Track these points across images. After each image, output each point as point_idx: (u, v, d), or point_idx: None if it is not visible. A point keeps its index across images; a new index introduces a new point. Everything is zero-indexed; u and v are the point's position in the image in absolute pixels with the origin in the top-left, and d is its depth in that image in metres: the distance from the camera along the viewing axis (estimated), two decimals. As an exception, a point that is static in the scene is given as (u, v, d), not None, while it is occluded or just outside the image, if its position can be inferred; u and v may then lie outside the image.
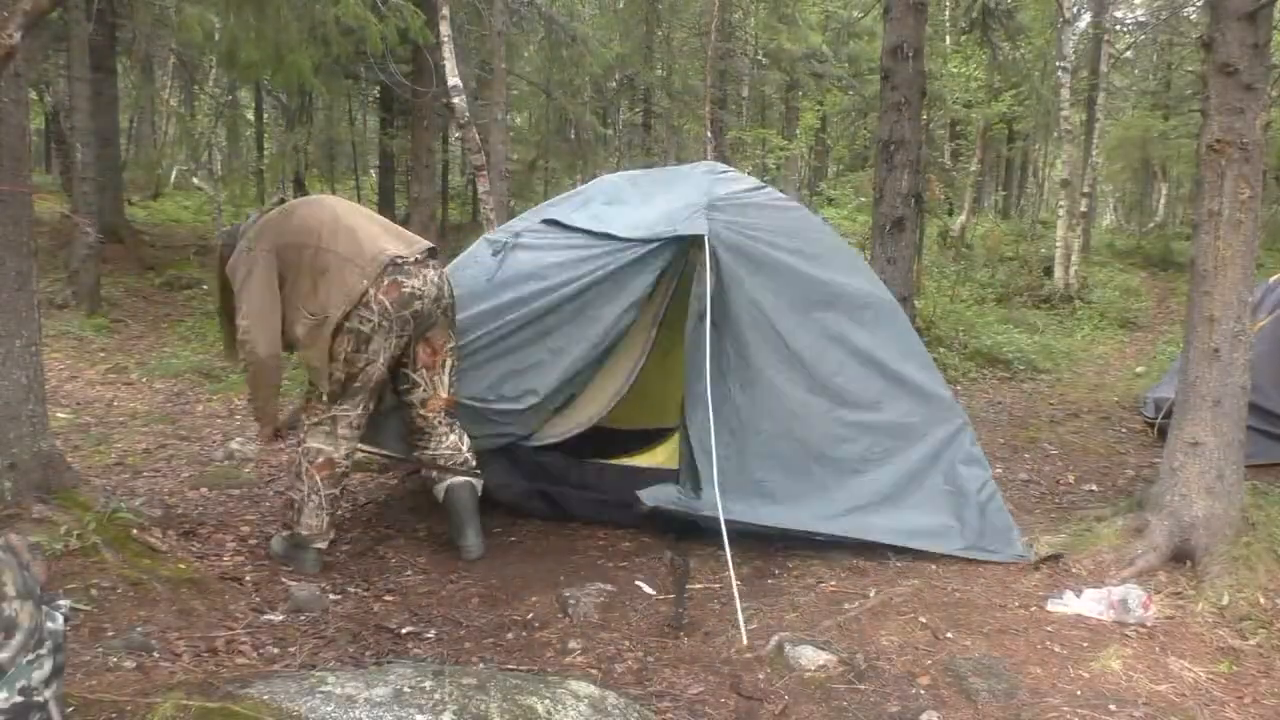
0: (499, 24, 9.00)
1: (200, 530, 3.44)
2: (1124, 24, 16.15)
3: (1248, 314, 3.23)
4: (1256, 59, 3.14)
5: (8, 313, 2.80)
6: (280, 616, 2.80)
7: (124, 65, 12.48)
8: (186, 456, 4.65)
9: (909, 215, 6.07)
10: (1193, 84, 14.79)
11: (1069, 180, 12.53)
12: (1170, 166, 18.05)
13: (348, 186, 17.56)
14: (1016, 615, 2.89)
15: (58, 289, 8.05)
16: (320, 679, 1.95)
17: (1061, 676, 2.50)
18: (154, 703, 1.75)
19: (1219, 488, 3.18)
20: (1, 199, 2.75)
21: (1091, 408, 6.57)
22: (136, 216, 12.62)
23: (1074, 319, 10.88)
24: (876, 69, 6.76)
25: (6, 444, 2.78)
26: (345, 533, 3.64)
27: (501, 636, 2.80)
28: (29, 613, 1.50)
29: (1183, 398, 3.31)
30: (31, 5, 2.20)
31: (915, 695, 2.43)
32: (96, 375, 6.34)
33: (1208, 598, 2.92)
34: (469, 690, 1.94)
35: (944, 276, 11.36)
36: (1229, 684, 2.48)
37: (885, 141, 6.06)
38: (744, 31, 16.57)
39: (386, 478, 4.44)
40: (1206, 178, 3.20)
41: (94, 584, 2.58)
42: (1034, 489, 4.53)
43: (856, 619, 2.88)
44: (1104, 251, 15.63)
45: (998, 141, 18.72)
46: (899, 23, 5.94)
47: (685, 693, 2.44)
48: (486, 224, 7.04)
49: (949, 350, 8.19)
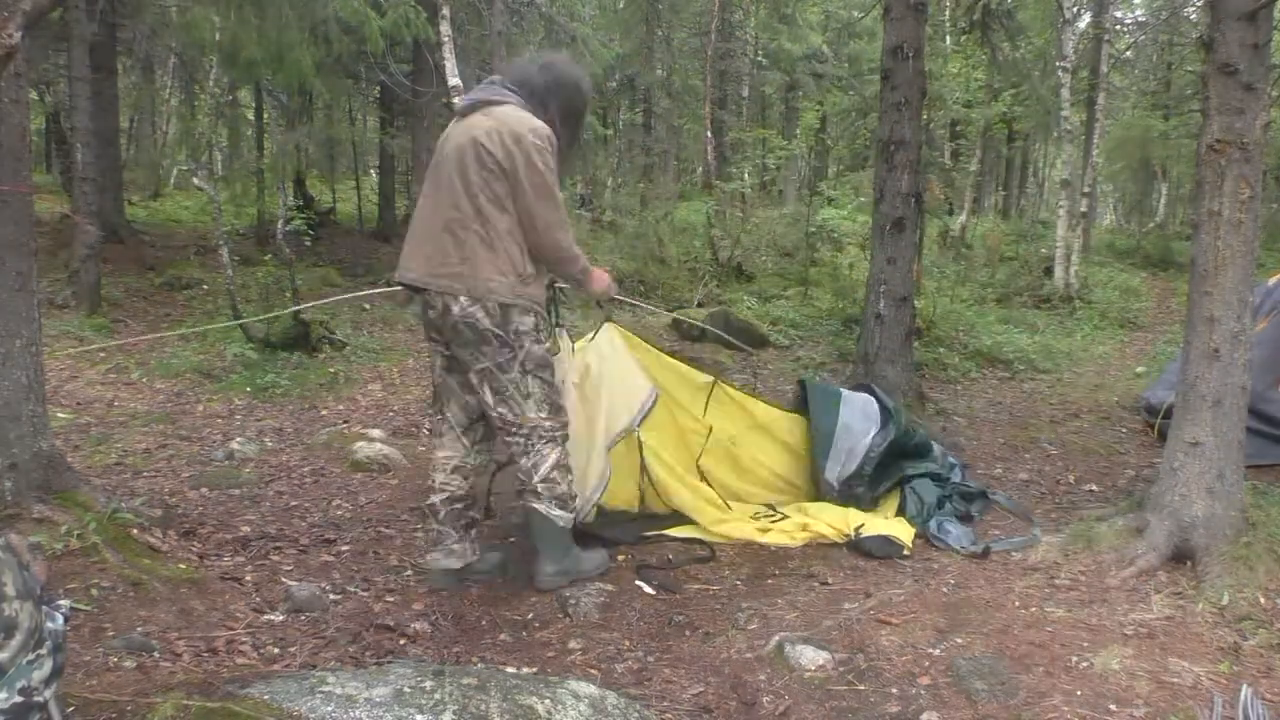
0: (499, 24, 9.00)
1: (200, 530, 3.44)
2: (1124, 24, 16.16)
3: (1248, 314, 3.23)
4: (1256, 59, 3.13)
5: (8, 313, 2.80)
6: (280, 616, 2.80)
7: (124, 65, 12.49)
8: (186, 456, 4.66)
9: (909, 215, 6.07)
10: (1193, 84, 14.77)
11: (1069, 180, 12.52)
12: (1170, 166, 18.03)
13: (348, 186, 17.56)
14: (1016, 615, 2.89)
15: (58, 289, 8.05)
16: (320, 679, 1.95)
17: (1061, 676, 2.50)
18: (154, 703, 1.75)
19: (1219, 488, 3.18)
20: (2, 199, 2.75)
21: (1091, 408, 6.57)
22: (137, 216, 12.63)
23: (1074, 319, 10.88)
24: (876, 69, 6.76)
25: (6, 444, 2.78)
26: (345, 533, 3.65)
27: (501, 636, 2.80)
28: (29, 613, 1.50)
29: (1183, 398, 3.31)
30: (32, 5, 2.20)
31: (915, 695, 2.43)
32: (96, 375, 6.34)
33: (1208, 598, 2.92)
34: (469, 690, 1.94)
35: (944, 276, 11.35)
36: (1229, 684, 2.48)
37: (885, 141, 6.06)
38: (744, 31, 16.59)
39: (386, 478, 4.44)
40: (1206, 178, 3.20)
41: (94, 584, 2.58)
42: (1034, 489, 4.53)
43: (856, 619, 2.88)
44: (1104, 251, 15.62)
45: (998, 141, 18.72)
46: (899, 23, 5.94)
47: (685, 693, 2.44)
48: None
49: (949, 350, 8.19)
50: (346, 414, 5.93)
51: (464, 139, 2.97)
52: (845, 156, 16.10)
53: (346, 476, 4.44)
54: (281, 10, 5.90)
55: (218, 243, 7.87)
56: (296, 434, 5.30)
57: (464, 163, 2.94)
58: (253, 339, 7.16)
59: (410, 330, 9.15)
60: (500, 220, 2.93)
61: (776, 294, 10.52)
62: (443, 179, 3.00)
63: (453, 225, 2.94)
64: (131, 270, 9.71)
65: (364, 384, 6.77)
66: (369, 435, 5.05)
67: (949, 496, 3.99)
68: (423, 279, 2.99)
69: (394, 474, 4.50)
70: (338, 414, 5.92)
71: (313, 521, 3.78)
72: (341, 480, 4.39)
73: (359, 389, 6.62)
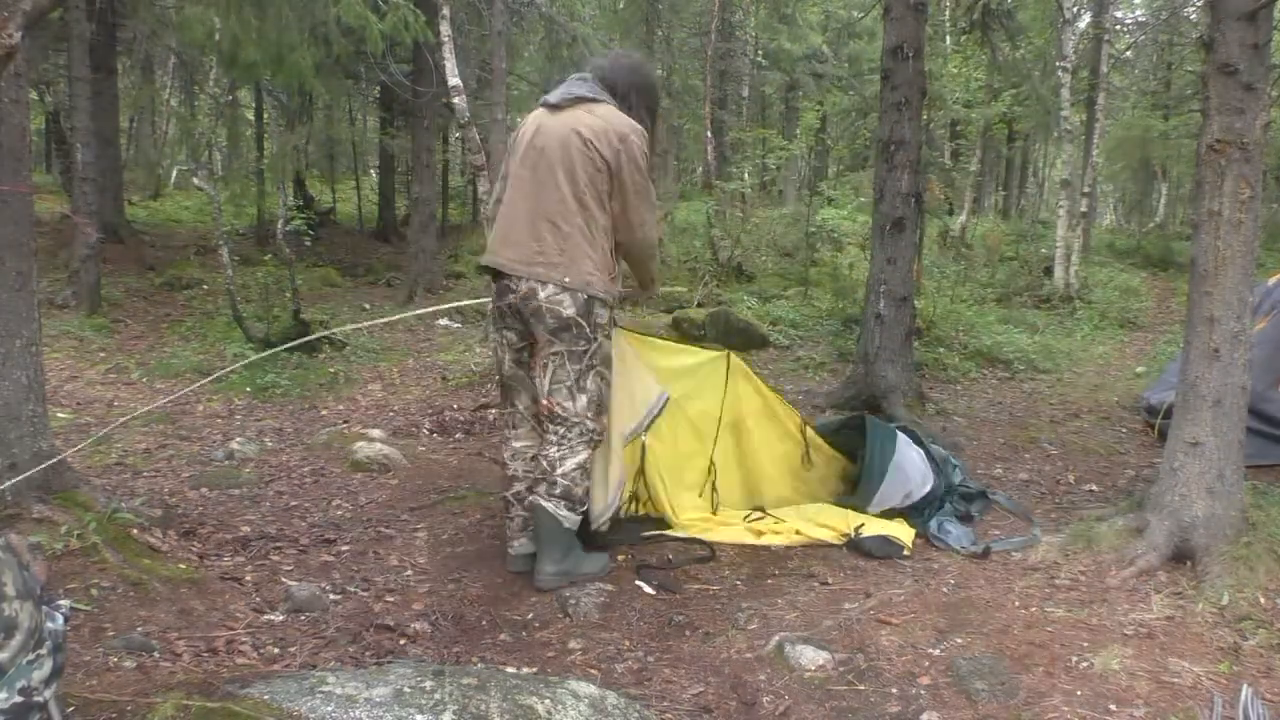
0: (499, 24, 9.00)
1: (200, 530, 3.44)
2: (1124, 24, 16.16)
3: (1248, 314, 3.23)
4: (1256, 59, 3.13)
5: (8, 313, 2.80)
6: (280, 616, 2.80)
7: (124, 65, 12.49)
8: (186, 456, 4.66)
9: (909, 215, 6.07)
10: (1193, 84, 14.78)
11: (1069, 180, 12.53)
12: (1170, 166, 18.04)
13: (348, 186, 17.58)
14: (1016, 615, 2.89)
15: (58, 289, 8.06)
16: (320, 679, 1.95)
17: (1061, 676, 2.50)
18: (154, 703, 1.75)
19: (1219, 488, 3.18)
20: (2, 199, 2.75)
21: (1091, 408, 6.57)
22: (137, 216, 12.64)
23: (1074, 319, 10.88)
24: (876, 69, 6.76)
25: (6, 444, 2.79)
26: (345, 533, 3.65)
27: (501, 636, 2.80)
28: (29, 613, 1.50)
29: (1183, 398, 3.31)
30: (32, 5, 2.20)
31: (915, 695, 2.43)
32: (96, 375, 6.35)
33: (1208, 598, 2.92)
34: (469, 690, 1.94)
35: (944, 276, 11.36)
36: (1229, 684, 2.48)
37: (885, 141, 6.06)
38: (744, 31, 16.59)
39: (386, 478, 4.44)
40: (1206, 178, 3.20)
41: (94, 584, 2.58)
42: (1034, 489, 4.53)
43: (856, 619, 2.88)
44: (1104, 251, 15.62)
45: (998, 141, 18.72)
46: (899, 23, 5.93)
47: (685, 693, 2.44)
48: (486, 224, 7.04)
49: (949, 350, 8.19)
50: (346, 414, 5.93)
51: (564, 132, 3.01)
52: (845, 156, 16.09)
53: (346, 476, 4.44)
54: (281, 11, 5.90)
55: (218, 243, 7.87)
56: (296, 434, 5.30)
57: (569, 156, 2.98)
58: (253, 339, 7.16)
59: (410, 330, 9.15)
60: (601, 217, 3.04)
61: (776, 294, 10.53)
62: (542, 169, 3.02)
63: (555, 216, 2.99)
64: (131, 270, 9.72)
65: (364, 384, 6.78)
66: (369, 435, 5.05)
67: (949, 497, 3.98)
68: (515, 265, 3.02)
69: (394, 474, 4.50)
70: (338, 414, 5.93)
71: (313, 521, 3.78)
72: (341, 480, 4.39)
73: (359, 389, 6.62)
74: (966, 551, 3.51)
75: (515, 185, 3.10)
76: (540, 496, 3.11)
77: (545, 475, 3.11)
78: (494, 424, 5.65)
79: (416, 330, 9.23)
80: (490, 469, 4.62)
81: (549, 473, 3.10)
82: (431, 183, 12.14)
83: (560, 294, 2.99)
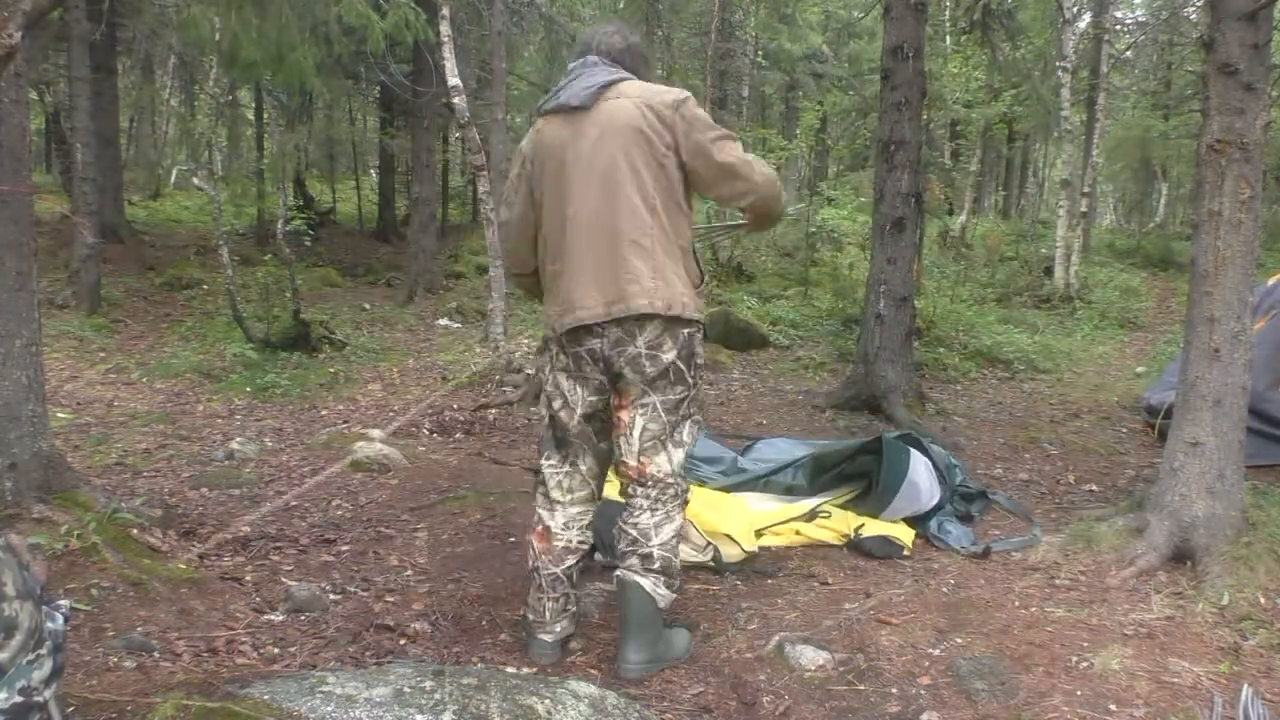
0: (499, 24, 9.01)
1: (200, 530, 3.44)
2: (1124, 24, 16.15)
3: (1248, 314, 3.23)
4: (1256, 59, 3.13)
5: (8, 313, 2.80)
6: (280, 616, 2.80)
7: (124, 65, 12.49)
8: (186, 456, 4.66)
9: (909, 215, 6.07)
10: (1193, 84, 14.77)
11: (1069, 180, 12.53)
12: (1170, 166, 18.04)
13: (348, 186, 17.58)
14: (1016, 615, 2.89)
15: (58, 289, 8.06)
16: (320, 679, 1.95)
17: (1061, 676, 2.50)
18: (154, 703, 1.75)
19: (1219, 488, 3.18)
20: (2, 199, 2.75)
21: (1091, 408, 6.57)
22: (137, 216, 12.64)
23: (1074, 319, 10.89)
24: (876, 69, 6.76)
25: (6, 444, 2.78)
26: (345, 532, 3.65)
27: (501, 636, 2.80)
28: (29, 613, 1.50)
29: (1183, 398, 3.31)
30: (32, 5, 2.20)
31: (915, 695, 2.43)
32: (96, 375, 6.35)
33: (1208, 598, 2.92)
34: (469, 690, 1.94)
35: (944, 276, 11.36)
36: (1229, 684, 2.48)
37: (885, 141, 6.06)
38: (744, 31, 16.58)
39: (386, 478, 4.44)
40: (1206, 178, 3.20)
41: (94, 584, 2.58)
42: (1034, 489, 4.53)
43: (856, 619, 2.88)
44: (1104, 251, 15.62)
45: (998, 141, 18.72)
46: (899, 23, 5.94)
47: (685, 693, 2.44)
48: (486, 224, 7.04)
49: (949, 350, 8.19)
50: (346, 414, 5.93)
51: (610, 131, 2.52)
52: (845, 156, 16.10)
53: (346, 476, 4.44)
54: (282, 10, 5.90)
55: (218, 243, 7.87)
56: (296, 434, 5.30)
57: (630, 159, 2.50)
58: (252, 339, 7.16)
59: (410, 330, 9.16)
60: (679, 218, 2.59)
61: (776, 294, 10.53)
62: (594, 187, 2.51)
63: (636, 237, 2.50)
64: (131, 270, 9.72)
65: (364, 384, 6.78)
66: (369, 435, 5.06)
67: (949, 497, 3.98)
68: (602, 315, 2.50)
69: (394, 474, 4.50)
70: (338, 414, 5.93)
71: (313, 521, 3.78)
72: (341, 480, 4.39)
73: (359, 389, 6.62)
74: (966, 551, 3.52)
75: (572, 215, 2.56)
76: (635, 572, 2.58)
77: (638, 547, 2.59)
78: (494, 424, 5.65)
79: (416, 330, 9.24)
80: (490, 469, 4.63)
81: (643, 543, 2.58)
82: (431, 183, 12.15)
83: (660, 335, 2.51)
